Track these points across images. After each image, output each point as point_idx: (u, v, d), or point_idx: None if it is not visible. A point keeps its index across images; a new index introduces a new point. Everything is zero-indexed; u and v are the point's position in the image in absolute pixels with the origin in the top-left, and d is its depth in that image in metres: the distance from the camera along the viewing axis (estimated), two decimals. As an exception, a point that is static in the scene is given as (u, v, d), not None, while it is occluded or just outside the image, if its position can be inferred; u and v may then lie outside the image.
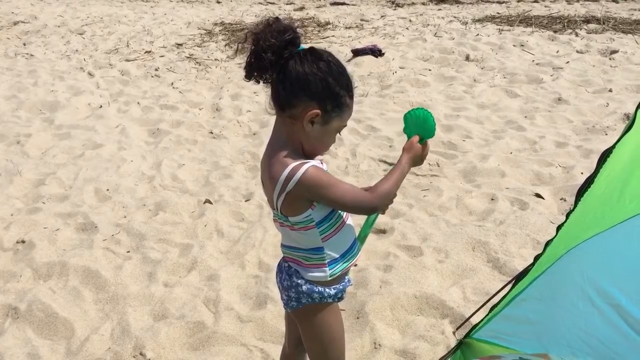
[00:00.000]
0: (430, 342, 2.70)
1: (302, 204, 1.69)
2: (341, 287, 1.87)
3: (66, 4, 15.13)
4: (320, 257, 1.78)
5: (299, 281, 1.82)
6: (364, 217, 1.99)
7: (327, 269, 1.79)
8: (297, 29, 1.65)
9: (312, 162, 1.66)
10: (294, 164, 1.64)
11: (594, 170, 1.56)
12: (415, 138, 1.80)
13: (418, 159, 1.82)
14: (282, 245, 1.88)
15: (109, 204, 4.24)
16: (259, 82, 1.67)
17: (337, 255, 1.80)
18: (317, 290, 1.81)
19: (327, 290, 1.83)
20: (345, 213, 1.83)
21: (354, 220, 1.90)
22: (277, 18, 1.65)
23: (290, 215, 1.71)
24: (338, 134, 1.76)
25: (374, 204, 1.72)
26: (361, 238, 1.97)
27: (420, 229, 3.68)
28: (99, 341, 2.83)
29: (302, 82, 1.62)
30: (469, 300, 2.97)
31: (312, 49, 1.67)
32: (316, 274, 1.80)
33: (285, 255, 1.88)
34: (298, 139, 1.69)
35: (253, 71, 1.65)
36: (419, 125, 1.80)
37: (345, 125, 1.75)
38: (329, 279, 1.81)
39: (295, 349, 2.14)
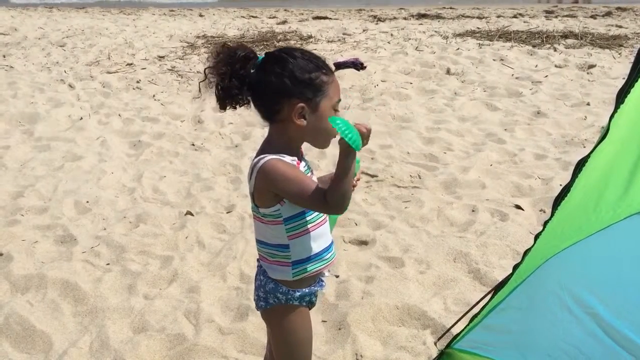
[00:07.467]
0: (412, 352, 2.70)
1: (269, 196, 1.71)
2: (307, 291, 1.86)
3: (47, 17, 15.07)
4: (285, 255, 1.78)
5: (266, 280, 1.84)
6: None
7: (290, 268, 1.79)
8: (246, 45, 1.73)
9: (277, 156, 1.68)
10: (260, 156, 1.69)
11: (570, 179, 1.59)
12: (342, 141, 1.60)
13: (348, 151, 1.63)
14: (256, 240, 1.89)
15: (88, 216, 4.20)
16: (235, 109, 1.74)
17: (303, 257, 1.79)
18: (281, 290, 1.82)
19: (291, 292, 1.82)
20: (322, 218, 1.83)
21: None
22: (223, 45, 1.72)
23: (260, 207, 1.74)
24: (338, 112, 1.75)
25: (331, 210, 1.70)
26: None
27: (402, 240, 3.69)
28: (77, 355, 2.79)
29: (273, 89, 1.68)
30: (450, 310, 2.98)
31: (267, 55, 1.72)
32: (279, 273, 1.81)
33: (258, 252, 1.89)
34: (295, 139, 1.73)
35: (225, 101, 1.72)
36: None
37: (338, 100, 1.75)
38: (292, 279, 1.80)
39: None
